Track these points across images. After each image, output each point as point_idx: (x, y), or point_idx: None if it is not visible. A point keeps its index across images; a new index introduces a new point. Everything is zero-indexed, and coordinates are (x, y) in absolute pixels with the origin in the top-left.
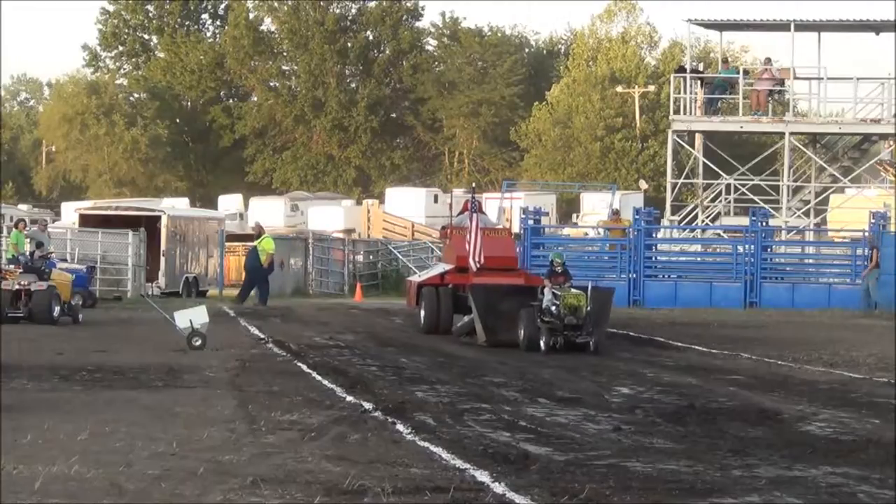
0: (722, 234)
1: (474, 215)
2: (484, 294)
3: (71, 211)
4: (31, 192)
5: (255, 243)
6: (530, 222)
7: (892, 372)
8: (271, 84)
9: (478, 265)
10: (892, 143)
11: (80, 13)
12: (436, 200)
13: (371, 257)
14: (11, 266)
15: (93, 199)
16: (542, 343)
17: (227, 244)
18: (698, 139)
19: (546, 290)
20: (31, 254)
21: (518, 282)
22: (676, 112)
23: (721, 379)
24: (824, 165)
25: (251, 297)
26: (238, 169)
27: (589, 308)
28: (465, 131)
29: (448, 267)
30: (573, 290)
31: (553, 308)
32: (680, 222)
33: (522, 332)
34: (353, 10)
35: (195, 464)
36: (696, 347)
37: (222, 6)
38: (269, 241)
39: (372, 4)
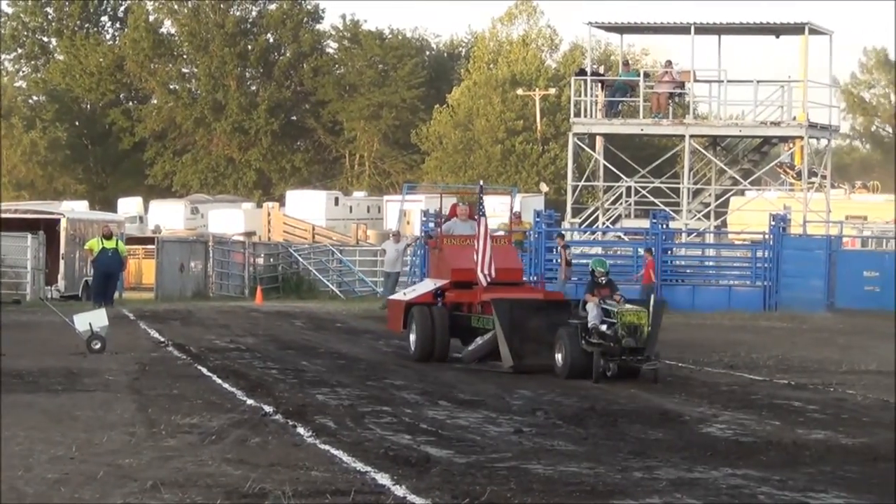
0: (622, 236)
1: (483, 219)
2: (509, 310)
3: None
4: None
5: (111, 245)
6: (431, 225)
7: (791, 374)
8: (171, 87)
9: (489, 279)
10: (791, 145)
11: None
12: (336, 203)
13: (272, 260)
14: None
15: None
16: (593, 370)
17: (128, 247)
18: (599, 142)
19: (590, 306)
20: None
21: (538, 297)
22: (577, 115)
23: (622, 381)
24: (724, 168)
25: (86, 302)
26: (138, 172)
27: (650, 328)
28: (366, 134)
29: (441, 282)
30: (628, 306)
31: (605, 327)
32: (580, 225)
33: (562, 356)
34: (254, 13)
35: (95, 468)
36: None
37: (122, 8)
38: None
39: (272, 7)
